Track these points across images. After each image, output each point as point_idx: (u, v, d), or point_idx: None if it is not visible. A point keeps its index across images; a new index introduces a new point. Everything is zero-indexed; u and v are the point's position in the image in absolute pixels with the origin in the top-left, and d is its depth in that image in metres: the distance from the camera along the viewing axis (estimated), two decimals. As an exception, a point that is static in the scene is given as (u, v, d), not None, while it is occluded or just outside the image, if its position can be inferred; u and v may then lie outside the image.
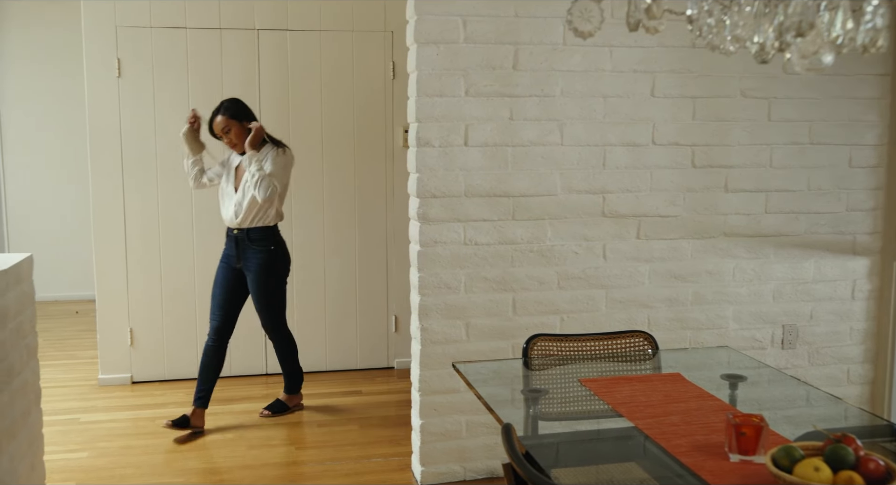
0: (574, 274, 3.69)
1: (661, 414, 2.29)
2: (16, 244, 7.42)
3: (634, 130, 3.68)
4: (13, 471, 3.00)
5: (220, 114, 4.25)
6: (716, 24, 1.71)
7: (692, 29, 1.80)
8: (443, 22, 3.43)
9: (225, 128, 4.23)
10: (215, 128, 4.27)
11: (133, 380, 5.16)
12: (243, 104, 4.34)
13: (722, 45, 1.74)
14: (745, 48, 1.78)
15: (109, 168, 5.00)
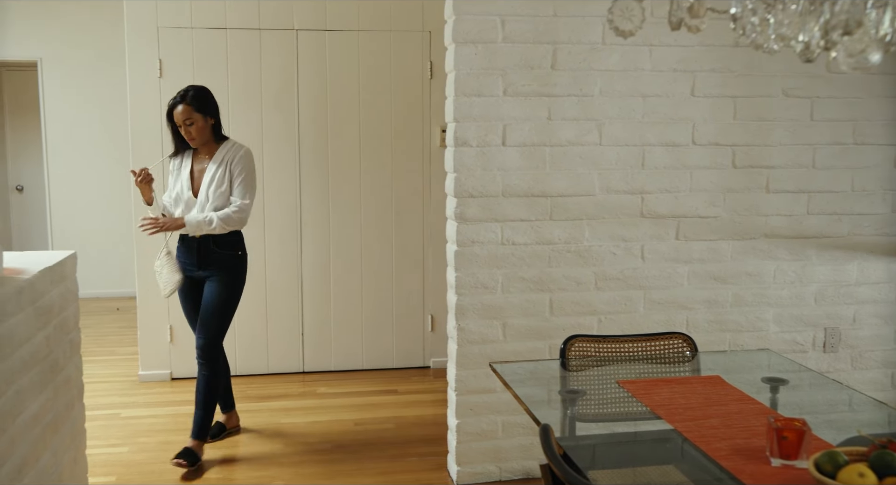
0: (612, 275, 3.66)
1: (700, 417, 2.26)
2: (59, 242, 7.55)
3: (674, 130, 3.65)
4: (57, 464, 3.06)
5: (183, 102, 3.80)
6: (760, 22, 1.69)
7: (735, 28, 1.78)
8: (481, 22, 3.43)
9: (187, 120, 3.79)
10: (175, 116, 3.82)
11: (173, 376, 5.22)
12: (211, 96, 3.93)
13: (766, 43, 1.72)
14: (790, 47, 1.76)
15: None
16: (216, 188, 3.85)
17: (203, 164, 3.93)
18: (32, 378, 2.77)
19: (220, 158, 3.89)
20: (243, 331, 5.25)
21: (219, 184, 3.86)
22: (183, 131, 3.84)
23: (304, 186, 5.23)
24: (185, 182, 3.92)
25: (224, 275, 3.93)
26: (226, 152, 3.90)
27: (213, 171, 3.86)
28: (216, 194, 3.85)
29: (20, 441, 2.62)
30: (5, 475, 2.46)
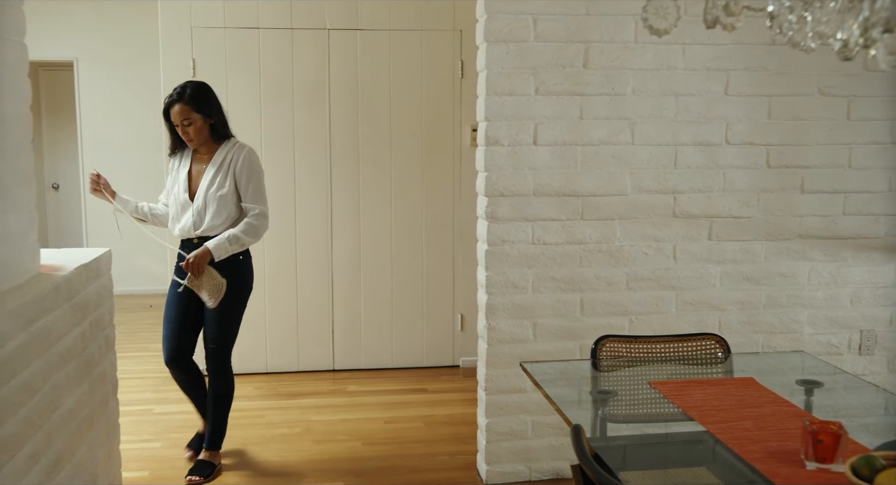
0: (643, 275, 3.64)
1: (733, 419, 2.24)
2: (94, 239, 7.65)
3: (707, 130, 3.61)
4: (92, 458, 3.10)
5: (181, 101, 3.57)
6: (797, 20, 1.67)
7: (772, 26, 1.76)
8: (513, 20, 3.42)
9: (185, 120, 3.56)
10: (172, 116, 3.58)
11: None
12: (212, 93, 3.68)
13: (803, 42, 1.70)
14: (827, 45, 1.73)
15: (184, 166, 5.11)
16: (215, 192, 3.60)
17: (202, 165, 3.69)
18: (68, 373, 2.81)
19: (219, 159, 3.63)
20: (274, 329, 5.29)
21: (218, 187, 3.61)
22: (180, 132, 3.61)
23: (335, 184, 5.26)
24: (183, 184, 3.68)
25: (230, 282, 3.65)
26: (226, 153, 3.65)
27: (213, 173, 3.62)
28: (215, 198, 3.60)
29: (57, 436, 2.66)
30: (42, 469, 2.50)
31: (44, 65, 7.91)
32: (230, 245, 3.58)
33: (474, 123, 5.20)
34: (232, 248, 3.59)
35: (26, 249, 2.68)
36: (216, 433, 3.81)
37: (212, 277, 3.58)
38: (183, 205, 3.67)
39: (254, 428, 4.35)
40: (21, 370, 2.34)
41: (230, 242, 3.58)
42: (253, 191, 3.65)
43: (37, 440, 2.46)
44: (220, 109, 3.68)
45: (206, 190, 3.62)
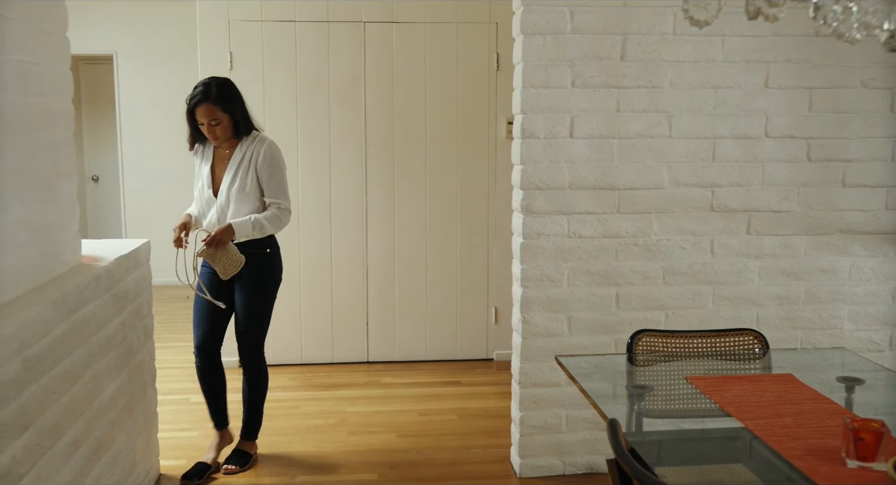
0: (680, 269, 3.61)
1: (772, 415, 2.22)
2: (132, 231, 7.75)
3: (746, 122, 3.57)
4: (130, 446, 3.15)
5: (208, 101, 3.50)
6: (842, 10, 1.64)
7: (816, 16, 1.73)
8: (549, 12, 3.40)
9: (213, 120, 3.51)
10: (199, 115, 3.52)
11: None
12: (236, 90, 3.61)
13: (848, 33, 1.67)
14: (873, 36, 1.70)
15: (221, 158, 5.16)
16: (238, 188, 3.58)
17: (224, 161, 3.65)
18: (108, 362, 2.85)
19: (240, 155, 3.60)
20: (310, 321, 5.33)
21: (241, 184, 3.58)
22: (206, 131, 3.55)
23: (370, 177, 5.27)
24: (206, 180, 3.66)
25: (254, 276, 3.63)
26: (247, 148, 3.60)
27: (234, 169, 3.60)
28: (238, 195, 3.58)
29: (97, 423, 2.70)
30: (82, 456, 2.54)
31: (84, 58, 8.02)
32: (252, 228, 3.55)
33: (510, 115, 5.19)
34: (254, 232, 3.56)
35: (68, 240, 2.72)
36: (252, 423, 3.84)
37: (230, 253, 3.55)
38: (207, 201, 3.66)
39: (289, 419, 4.39)
40: (63, 359, 2.38)
41: (253, 225, 3.55)
42: (275, 186, 3.62)
43: (78, 428, 2.50)
44: (243, 105, 3.63)
45: (228, 186, 3.60)
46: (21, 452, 2.05)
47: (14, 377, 2.02)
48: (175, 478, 3.62)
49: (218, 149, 3.68)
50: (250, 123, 3.65)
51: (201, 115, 3.51)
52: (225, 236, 3.50)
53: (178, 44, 7.55)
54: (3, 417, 1.95)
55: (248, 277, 3.63)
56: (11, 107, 2.28)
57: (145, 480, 3.40)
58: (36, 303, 2.22)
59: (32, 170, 2.43)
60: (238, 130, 3.60)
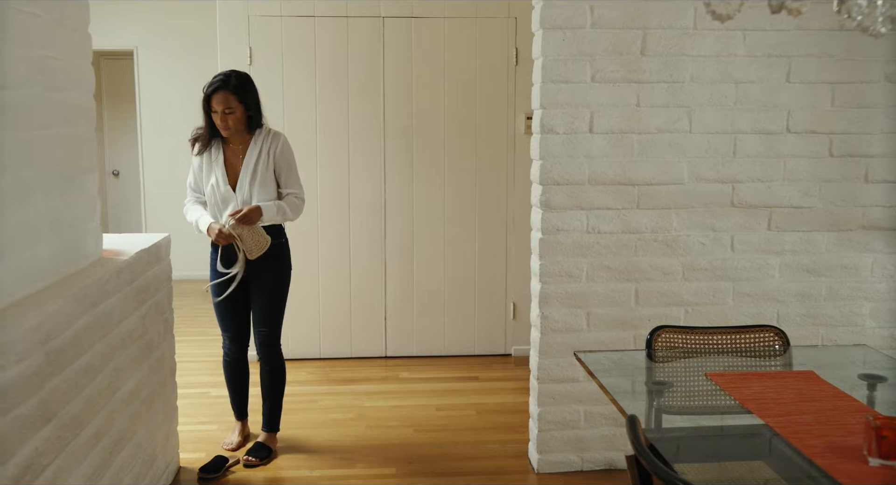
0: (700, 265, 3.59)
1: (793, 413, 2.20)
2: (152, 225, 7.80)
3: (767, 117, 3.54)
4: (151, 438, 3.17)
5: (226, 89, 3.55)
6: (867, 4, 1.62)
7: (840, 10, 1.71)
8: (569, 7, 3.38)
9: (227, 108, 3.54)
10: (215, 102, 3.55)
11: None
12: (252, 82, 3.68)
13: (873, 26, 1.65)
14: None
15: (240, 153, 5.18)
16: (261, 182, 3.63)
17: (238, 155, 3.67)
18: (129, 356, 2.87)
19: (257, 148, 3.64)
20: (328, 315, 5.34)
21: (263, 177, 3.63)
22: (218, 119, 3.56)
23: (389, 172, 5.28)
24: (221, 176, 3.65)
25: (274, 265, 3.72)
26: (262, 142, 3.65)
27: (253, 162, 3.63)
28: (259, 186, 3.63)
29: (118, 416, 2.72)
30: (104, 448, 2.56)
31: (105, 54, 8.07)
32: (277, 212, 3.64)
33: (528, 110, 5.17)
34: (277, 216, 3.65)
35: (89, 235, 2.74)
36: (275, 415, 3.89)
37: (258, 233, 3.60)
38: (224, 197, 3.66)
39: (307, 413, 4.41)
40: (84, 352, 2.40)
41: (278, 209, 3.64)
42: (293, 177, 3.74)
43: (99, 420, 2.52)
44: (258, 100, 3.68)
45: (249, 179, 3.63)
46: (43, 444, 2.07)
47: (37, 370, 2.04)
48: (194, 471, 3.65)
49: (228, 146, 3.69)
50: (261, 118, 3.71)
51: (217, 102, 3.55)
52: (254, 215, 3.56)
53: (198, 39, 7.59)
54: (27, 409, 1.97)
55: (269, 266, 3.70)
56: (35, 102, 2.30)
57: (165, 472, 3.43)
58: (58, 296, 2.24)
59: (55, 164, 2.45)
60: (250, 124, 3.65)
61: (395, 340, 5.43)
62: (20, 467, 1.93)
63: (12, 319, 1.97)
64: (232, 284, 3.67)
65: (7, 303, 2.09)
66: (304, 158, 5.10)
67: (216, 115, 3.58)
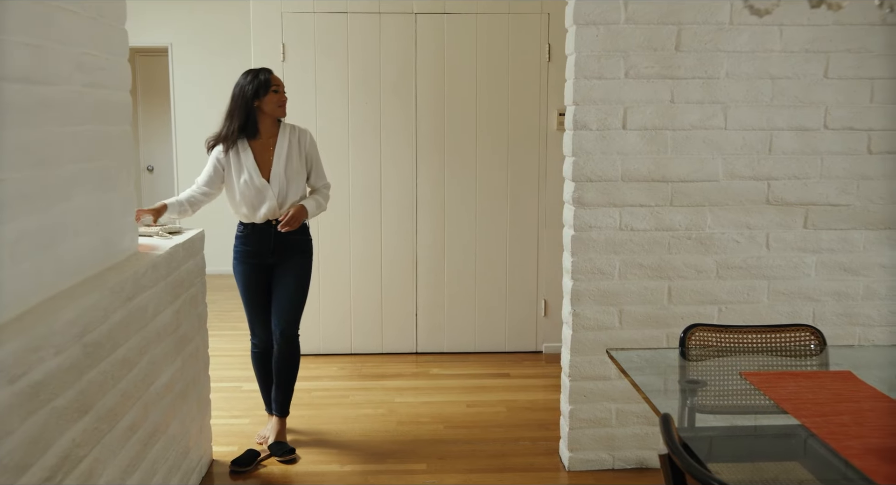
0: (734, 263, 3.55)
1: (830, 413, 2.17)
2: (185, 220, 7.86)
3: (804, 114, 3.49)
4: (184, 431, 3.20)
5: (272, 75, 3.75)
6: (910, -2, 1.59)
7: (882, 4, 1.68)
8: (603, 2, 3.36)
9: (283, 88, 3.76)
10: (276, 80, 3.71)
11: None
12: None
13: (916, 20, 1.62)
14: (942, 24, 1.65)
15: (273, 149, 5.20)
16: (295, 172, 3.75)
17: (267, 148, 3.74)
18: (164, 349, 2.90)
19: (286, 140, 3.75)
20: (359, 311, 5.36)
21: (297, 168, 3.76)
22: (278, 98, 3.68)
23: (420, 168, 5.28)
24: (254, 169, 3.70)
25: (300, 258, 3.83)
26: (290, 135, 3.77)
27: (286, 153, 3.73)
28: (295, 179, 3.75)
29: (153, 408, 2.75)
30: (139, 440, 2.59)
31: (140, 50, 8.16)
32: (317, 208, 3.80)
33: (561, 107, 5.15)
34: (317, 211, 3.81)
35: (126, 229, 2.78)
36: (288, 401, 3.96)
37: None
38: (259, 188, 3.70)
39: (338, 408, 4.43)
40: (120, 345, 2.43)
41: (317, 205, 3.81)
42: (322, 170, 3.90)
43: (134, 413, 2.55)
44: None
45: (284, 171, 3.72)
46: (80, 435, 2.10)
47: (75, 362, 2.07)
48: (226, 464, 3.68)
49: (256, 141, 3.73)
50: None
51: (277, 81, 3.72)
52: (301, 216, 3.69)
53: (232, 36, 7.65)
54: (64, 400, 2.00)
55: (295, 259, 3.82)
56: (73, 98, 2.33)
57: (198, 465, 3.46)
58: (95, 290, 2.27)
59: (93, 160, 2.48)
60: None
61: (426, 337, 5.44)
62: (58, 458, 1.96)
63: (51, 313, 2.00)
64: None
65: (46, 296, 2.12)
66: (336, 155, 5.12)
67: (276, 96, 3.69)
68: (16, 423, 1.76)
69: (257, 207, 3.73)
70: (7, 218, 1.92)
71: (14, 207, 1.96)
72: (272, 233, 3.75)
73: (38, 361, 1.86)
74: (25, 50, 2.03)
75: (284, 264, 3.81)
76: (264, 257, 3.80)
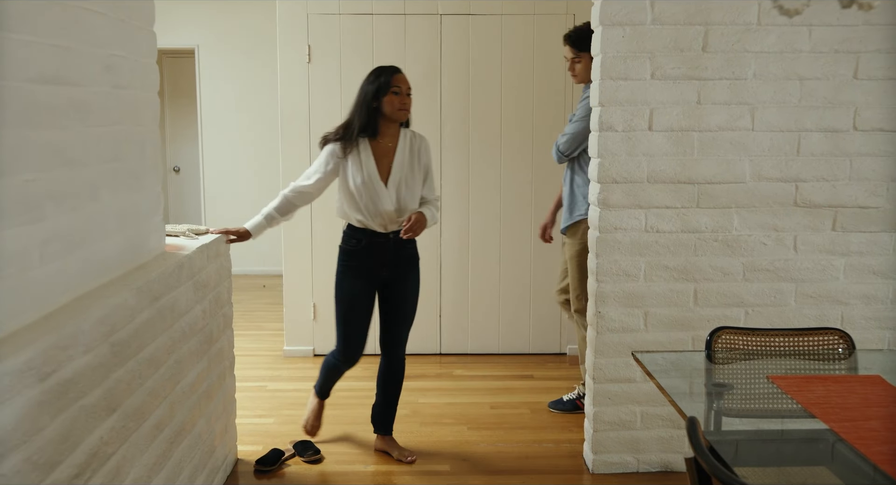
0: (761, 266, 3.52)
1: (859, 418, 2.14)
2: (211, 221, 7.93)
3: (833, 115, 3.45)
4: (210, 430, 3.22)
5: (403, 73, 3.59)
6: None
7: None
8: (629, 3, 3.34)
9: (409, 89, 3.56)
10: (401, 80, 3.51)
11: (315, 353, 5.40)
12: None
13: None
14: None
15: (298, 150, 5.24)
16: (414, 179, 3.57)
17: (387, 150, 3.57)
18: (191, 348, 2.92)
19: (406, 147, 3.58)
20: (383, 311, 5.36)
21: (416, 175, 3.58)
22: (400, 101, 3.48)
23: (445, 169, 5.28)
24: (374, 171, 3.52)
25: (415, 271, 3.70)
26: (410, 141, 3.60)
27: (404, 159, 3.56)
28: (413, 184, 3.57)
29: (179, 407, 2.77)
30: (165, 439, 2.61)
31: (168, 52, 8.22)
32: (431, 220, 3.60)
33: (586, 108, 5.13)
34: (432, 224, 3.61)
35: (153, 229, 2.80)
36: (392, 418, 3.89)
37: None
38: (377, 193, 3.51)
39: (362, 408, 4.43)
40: (147, 344, 2.45)
41: (432, 217, 3.60)
42: (434, 182, 3.73)
43: (161, 411, 2.57)
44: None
45: (406, 177, 3.55)
46: (108, 433, 2.12)
47: (103, 361, 2.09)
48: (251, 463, 3.70)
49: (377, 141, 3.56)
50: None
51: (402, 81, 3.52)
52: (424, 224, 3.51)
53: (258, 38, 7.70)
54: (93, 399, 2.02)
55: (410, 273, 3.70)
56: (103, 99, 2.35)
57: (223, 464, 3.48)
58: (122, 289, 2.29)
59: (121, 160, 2.51)
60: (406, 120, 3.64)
61: (450, 338, 5.44)
62: (86, 455, 1.98)
63: (80, 312, 2.02)
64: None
65: (75, 295, 2.15)
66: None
67: (396, 98, 3.49)
68: (46, 420, 1.78)
69: (373, 213, 3.53)
70: (36, 218, 1.95)
71: (43, 207, 1.99)
72: (390, 244, 3.58)
73: (67, 359, 1.88)
74: (55, 52, 2.05)
75: (399, 278, 3.66)
76: (378, 270, 3.61)
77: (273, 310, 6.49)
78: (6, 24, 1.81)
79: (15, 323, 1.84)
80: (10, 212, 1.82)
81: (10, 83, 1.83)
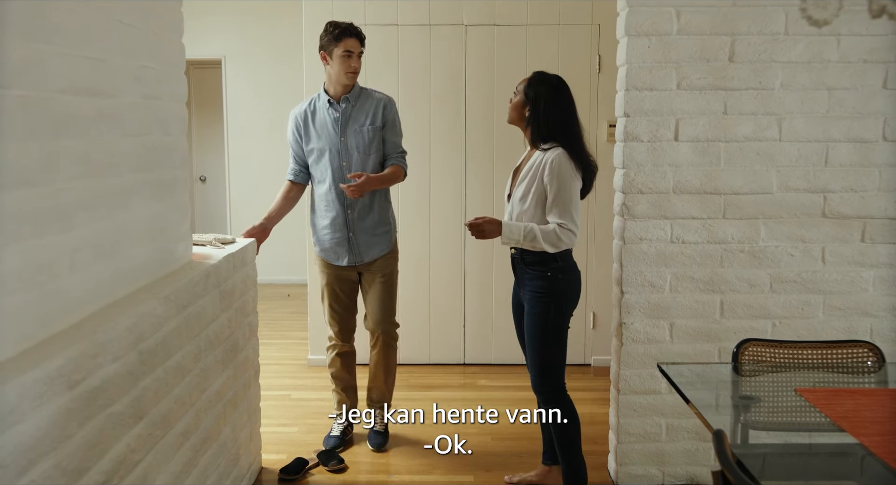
0: (788, 277, 3.49)
1: (889, 432, 2.12)
2: (237, 230, 7.94)
3: (862, 125, 3.42)
4: (235, 438, 3.24)
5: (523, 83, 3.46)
6: (976, 7, 1.55)
7: None
8: (655, 13, 3.34)
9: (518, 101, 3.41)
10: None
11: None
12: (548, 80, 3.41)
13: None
14: None
15: (324, 160, 5.25)
16: (523, 196, 3.27)
17: (523, 163, 3.41)
18: (216, 357, 2.94)
19: (531, 161, 3.29)
20: (407, 322, 5.35)
21: (526, 193, 3.26)
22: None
23: (470, 179, 5.29)
24: (510, 180, 3.44)
25: (534, 298, 3.27)
26: (538, 157, 3.27)
27: (525, 175, 3.29)
28: (521, 204, 3.27)
29: (205, 415, 2.79)
30: (191, 446, 2.63)
31: (195, 63, 8.30)
32: (523, 236, 3.20)
33: (611, 118, 5.12)
34: (524, 241, 3.20)
35: (180, 238, 2.82)
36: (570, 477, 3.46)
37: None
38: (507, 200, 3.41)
39: (386, 418, 4.44)
40: (174, 352, 2.47)
41: (525, 233, 3.19)
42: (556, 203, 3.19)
43: (187, 419, 2.58)
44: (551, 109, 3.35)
45: (517, 193, 3.32)
46: (135, 440, 2.14)
47: (131, 369, 2.11)
48: (275, 472, 3.71)
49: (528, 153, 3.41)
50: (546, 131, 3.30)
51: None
52: (487, 228, 3.26)
53: (284, 49, 7.75)
54: (120, 406, 2.04)
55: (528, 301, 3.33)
56: (132, 109, 2.38)
57: (248, 472, 3.50)
58: (150, 297, 2.31)
59: (150, 170, 2.54)
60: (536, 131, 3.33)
61: (474, 348, 5.43)
62: (114, 463, 2.00)
63: (109, 320, 2.04)
64: None
65: (104, 304, 2.17)
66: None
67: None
68: (74, 427, 1.80)
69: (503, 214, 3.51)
70: (67, 227, 1.97)
71: (74, 216, 2.01)
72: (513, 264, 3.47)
73: (96, 367, 1.90)
74: (88, 63, 2.08)
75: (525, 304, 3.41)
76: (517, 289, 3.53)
77: (297, 319, 6.52)
78: (44, 37, 1.85)
79: (45, 331, 1.86)
80: (41, 221, 1.85)
81: (44, 93, 1.86)
